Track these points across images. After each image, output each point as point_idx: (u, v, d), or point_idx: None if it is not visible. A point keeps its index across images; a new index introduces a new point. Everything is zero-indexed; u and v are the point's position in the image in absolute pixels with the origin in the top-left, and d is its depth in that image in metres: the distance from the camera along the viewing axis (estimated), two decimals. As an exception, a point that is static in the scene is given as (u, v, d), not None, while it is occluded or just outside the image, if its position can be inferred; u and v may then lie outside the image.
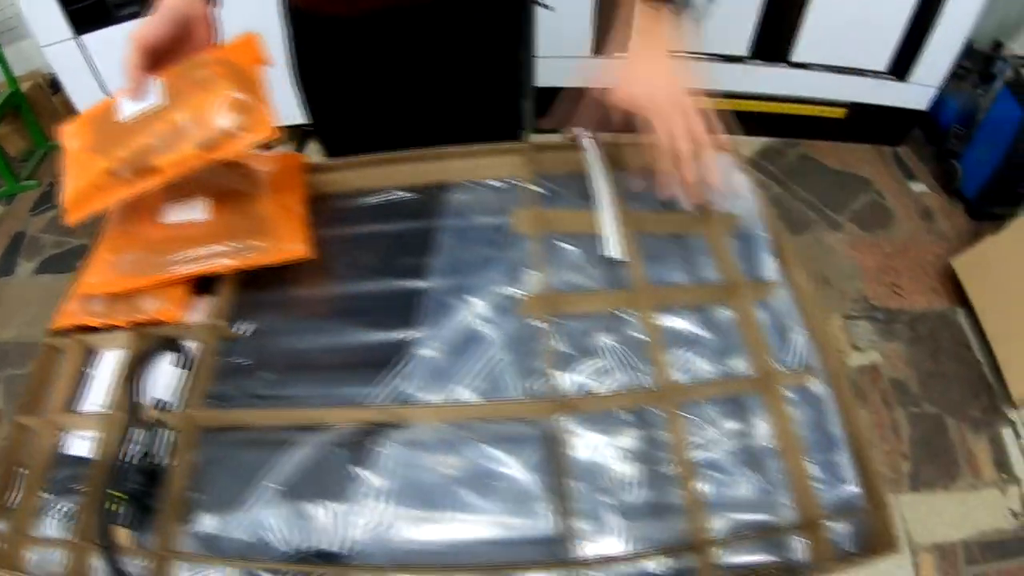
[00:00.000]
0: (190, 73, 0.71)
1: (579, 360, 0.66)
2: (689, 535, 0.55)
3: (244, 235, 0.76)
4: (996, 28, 2.48)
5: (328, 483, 0.59)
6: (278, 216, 0.78)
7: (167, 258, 0.74)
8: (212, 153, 0.69)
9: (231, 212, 0.78)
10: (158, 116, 0.70)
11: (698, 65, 0.75)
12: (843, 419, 0.64)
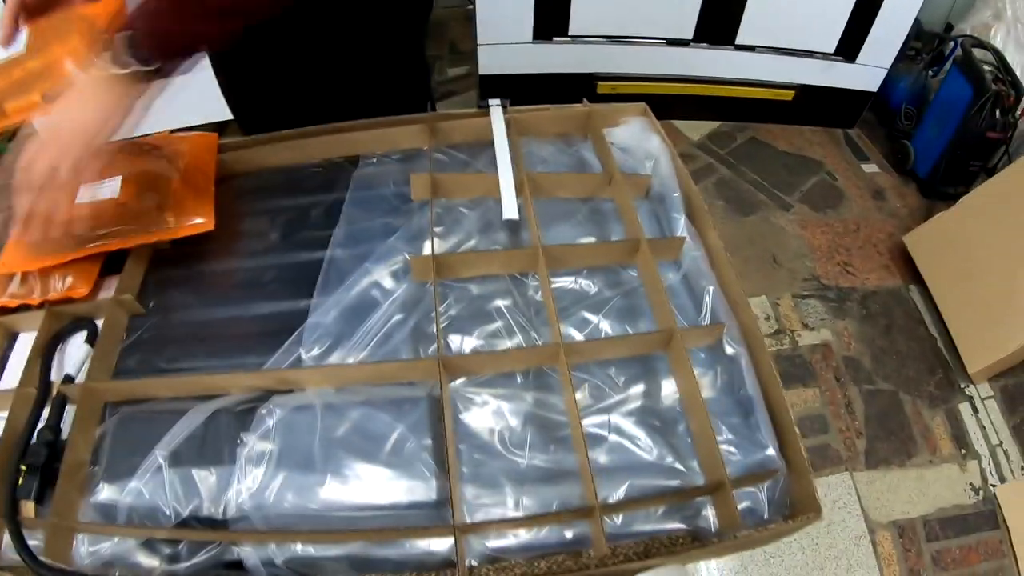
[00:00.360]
0: (53, 27, 0.74)
1: (474, 323, 0.64)
2: (584, 501, 0.53)
3: (153, 211, 0.76)
4: (947, 9, 2.52)
5: (215, 450, 0.58)
6: (187, 192, 0.78)
7: (79, 236, 0.73)
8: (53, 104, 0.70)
9: (142, 191, 0.78)
10: (15, 63, 0.73)
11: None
12: (758, 380, 0.62)
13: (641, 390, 0.61)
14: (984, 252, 1.73)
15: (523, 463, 0.55)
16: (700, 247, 0.73)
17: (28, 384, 0.66)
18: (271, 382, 0.61)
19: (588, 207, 0.76)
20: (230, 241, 0.78)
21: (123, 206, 0.76)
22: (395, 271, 0.68)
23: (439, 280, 0.64)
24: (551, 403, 0.59)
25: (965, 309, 1.78)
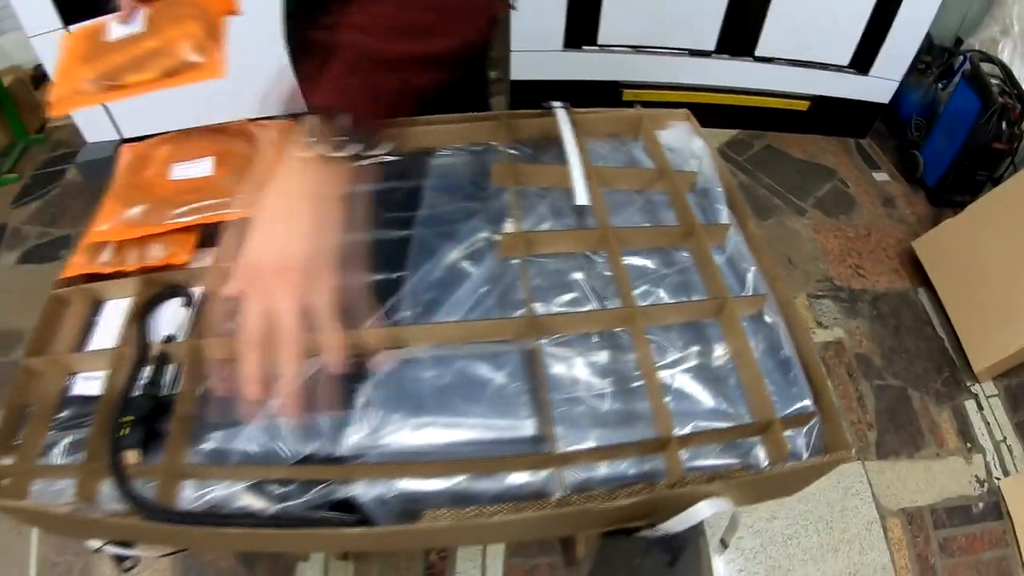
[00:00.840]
0: (169, 9, 0.85)
1: (553, 293, 0.74)
2: (656, 439, 0.64)
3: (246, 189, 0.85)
4: (957, 24, 2.64)
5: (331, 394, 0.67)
6: None
7: (176, 209, 0.83)
8: (171, 80, 0.83)
9: (234, 170, 0.87)
10: (136, 41, 0.84)
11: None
12: (794, 343, 0.73)
13: (696, 350, 0.72)
14: (989, 257, 1.84)
15: (603, 408, 0.66)
16: (740, 234, 0.84)
17: (126, 344, 0.75)
18: (376, 339, 0.71)
19: (643, 198, 0.87)
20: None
21: (216, 183, 0.86)
22: (479, 248, 0.79)
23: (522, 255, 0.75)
24: (623, 359, 0.70)
25: (971, 311, 1.88)
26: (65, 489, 0.67)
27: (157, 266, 0.82)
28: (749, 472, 0.63)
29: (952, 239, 1.99)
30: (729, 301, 0.72)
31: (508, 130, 0.91)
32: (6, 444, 0.71)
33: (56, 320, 0.82)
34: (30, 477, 0.68)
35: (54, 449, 0.70)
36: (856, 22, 2.33)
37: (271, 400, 0.58)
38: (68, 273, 0.84)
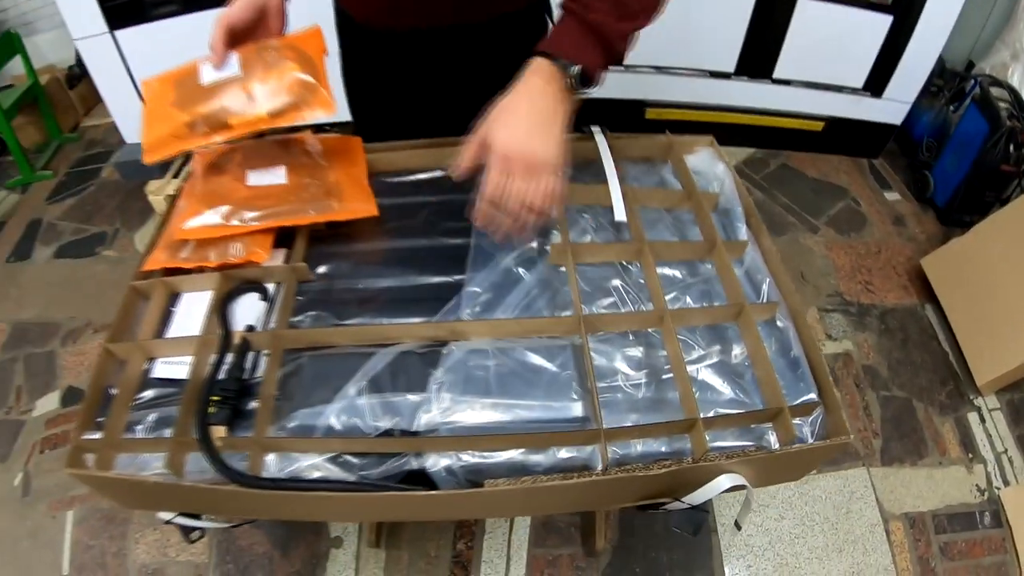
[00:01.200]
0: (263, 53, 0.92)
1: (595, 296, 0.87)
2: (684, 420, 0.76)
3: (320, 196, 0.97)
4: (969, 48, 2.77)
5: (407, 379, 0.80)
6: (346, 183, 1.00)
7: (256, 212, 0.94)
8: (278, 120, 0.91)
9: (307, 178, 0.99)
10: (234, 84, 0.91)
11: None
12: (802, 344, 0.86)
13: (718, 349, 0.85)
14: (994, 275, 1.95)
15: (639, 395, 0.79)
16: (757, 249, 0.97)
17: (211, 332, 0.87)
18: (443, 332, 0.84)
19: (672, 215, 1.01)
20: (379, 225, 1.01)
21: (290, 190, 0.97)
22: (530, 257, 0.92)
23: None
24: (655, 355, 0.83)
25: (975, 326, 1.99)
26: (149, 462, 0.79)
27: (236, 263, 0.94)
28: (762, 452, 0.75)
29: (959, 257, 2.10)
30: (746, 307, 0.84)
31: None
32: (90, 421, 0.83)
33: (133, 309, 0.95)
34: (116, 451, 0.80)
35: (138, 427, 0.82)
36: (870, 47, 2.47)
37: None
38: (148, 267, 0.96)
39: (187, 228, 0.94)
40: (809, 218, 2.51)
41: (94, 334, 2.34)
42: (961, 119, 2.45)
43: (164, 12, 2.33)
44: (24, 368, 2.26)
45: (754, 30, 2.45)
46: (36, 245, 2.86)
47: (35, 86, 3.40)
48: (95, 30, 2.40)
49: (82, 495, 1.81)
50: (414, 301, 0.90)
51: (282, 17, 0.99)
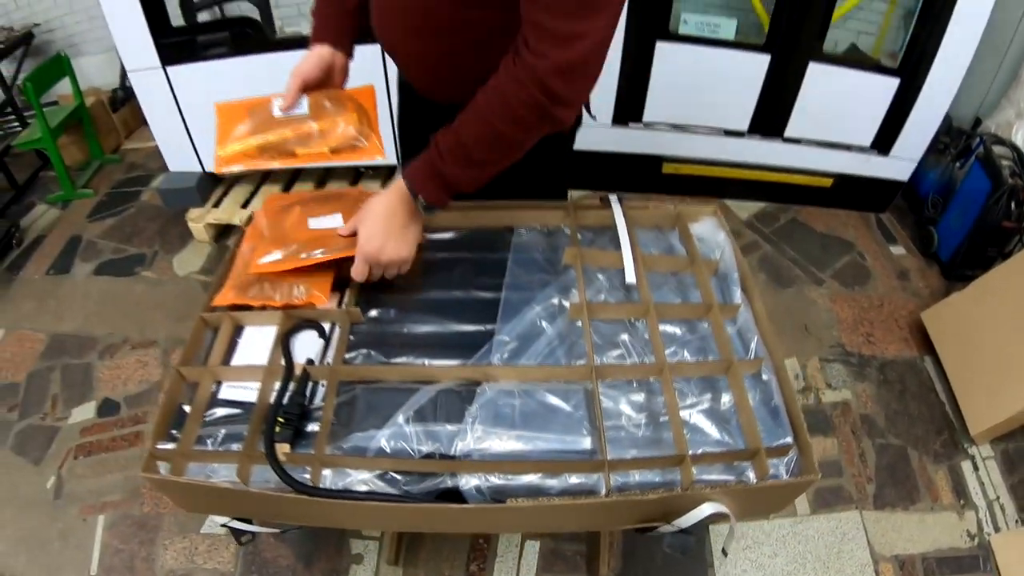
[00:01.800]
0: (327, 100, 1.17)
1: (606, 349, 1.06)
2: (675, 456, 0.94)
3: None
4: (977, 106, 2.94)
5: (446, 412, 0.99)
6: None
7: (316, 250, 1.12)
8: (336, 157, 1.15)
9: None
10: (302, 121, 1.15)
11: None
12: (783, 395, 1.03)
13: (709, 397, 1.02)
14: (990, 328, 2.09)
15: (639, 434, 0.96)
16: (749, 311, 1.15)
17: (275, 363, 1.05)
18: (477, 374, 1.02)
19: (676, 279, 1.19)
20: (423, 277, 1.21)
21: (345, 236, 1.16)
22: (552, 311, 1.11)
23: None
24: (654, 400, 1.00)
25: (971, 378, 2.12)
26: (216, 471, 0.97)
27: (298, 304, 1.13)
28: (740, 485, 0.92)
29: (957, 311, 2.25)
30: (734, 363, 1.02)
31: (575, 217, 1.24)
32: (163, 434, 1.01)
33: (201, 337, 1.14)
34: (188, 460, 0.97)
35: (208, 440, 1.00)
36: (878, 107, 2.67)
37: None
38: (218, 302, 1.15)
39: (262, 264, 1.13)
40: (815, 271, 2.69)
41: (131, 350, 2.51)
42: (965, 176, 2.61)
43: (214, 53, 2.55)
44: (61, 377, 2.44)
45: (767, 92, 2.65)
46: (76, 261, 3.05)
47: (81, 107, 3.65)
48: (149, 64, 2.61)
49: (114, 501, 1.98)
50: (452, 346, 1.09)
51: (345, 74, 1.24)
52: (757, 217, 2.97)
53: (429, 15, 1.06)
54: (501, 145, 1.01)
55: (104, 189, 3.56)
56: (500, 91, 0.96)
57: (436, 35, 1.09)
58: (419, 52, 1.16)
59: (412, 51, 1.17)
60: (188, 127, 2.77)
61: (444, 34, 1.08)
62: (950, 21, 2.42)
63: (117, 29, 2.52)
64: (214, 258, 2.94)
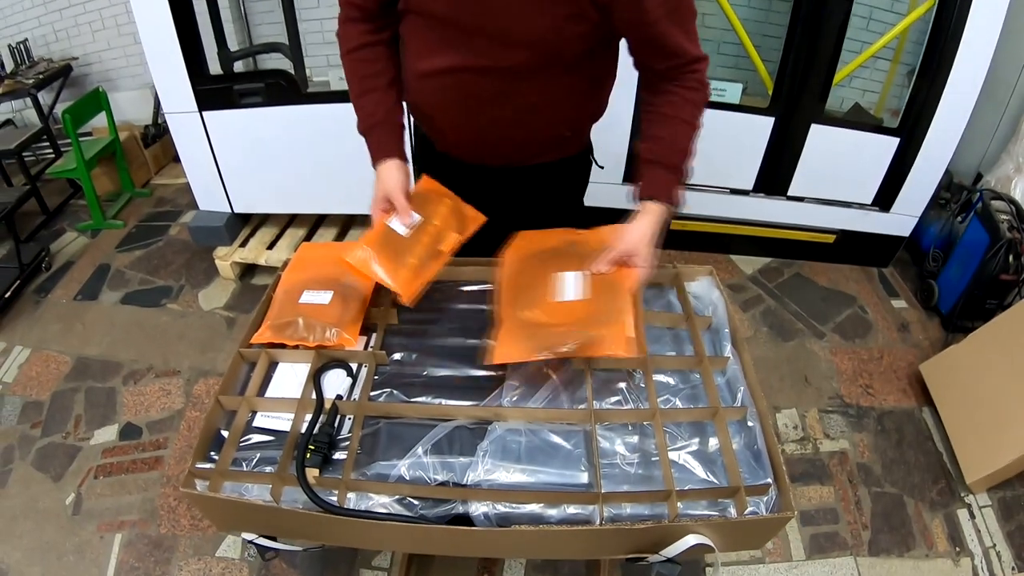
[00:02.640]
0: (424, 201, 1.35)
1: (605, 395, 1.20)
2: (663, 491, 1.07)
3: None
4: (978, 160, 3.08)
5: (460, 446, 1.14)
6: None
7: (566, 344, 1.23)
8: (462, 235, 1.33)
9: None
10: (423, 227, 1.32)
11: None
12: (765, 440, 1.16)
13: (697, 441, 1.16)
14: (986, 378, 2.18)
15: (632, 471, 1.10)
16: (738, 363, 1.29)
17: (306, 397, 1.22)
18: (488, 414, 1.17)
19: (672, 333, 1.34)
20: (441, 324, 1.37)
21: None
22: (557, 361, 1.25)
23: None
24: (647, 442, 1.14)
25: (968, 427, 2.20)
26: (250, 491, 1.12)
27: (329, 345, 1.29)
28: (720, 518, 1.06)
29: (955, 362, 2.36)
30: (720, 410, 1.16)
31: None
32: (202, 455, 1.17)
33: (238, 371, 1.31)
34: (225, 479, 1.13)
35: (243, 463, 1.15)
36: (879, 166, 2.82)
37: None
38: (256, 340, 1.32)
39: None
40: (816, 324, 2.82)
41: (155, 378, 2.66)
42: (965, 231, 2.74)
43: (249, 102, 2.73)
44: (85, 399, 2.59)
45: (771, 152, 2.82)
46: (104, 288, 3.23)
47: (115, 141, 3.86)
48: (186, 108, 2.80)
49: (131, 520, 2.11)
50: (466, 388, 1.24)
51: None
52: (761, 272, 3.11)
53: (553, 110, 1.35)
54: (697, 134, 1.32)
55: (133, 221, 3.77)
56: (691, 104, 1.29)
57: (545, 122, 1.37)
58: (514, 140, 1.41)
59: (506, 139, 1.41)
60: (220, 169, 2.96)
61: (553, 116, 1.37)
62: (948, 79, 2.56)
63: (158, 73, 2.71)
64: (238, 295, 3.11)
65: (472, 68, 1.26)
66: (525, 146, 1.43)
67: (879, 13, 3.10)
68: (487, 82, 1.27)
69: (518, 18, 1.17)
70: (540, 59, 1.23)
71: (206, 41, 2.70)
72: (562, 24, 1.17)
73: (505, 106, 1.31)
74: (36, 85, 3.94)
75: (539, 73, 1.25)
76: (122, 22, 4.22)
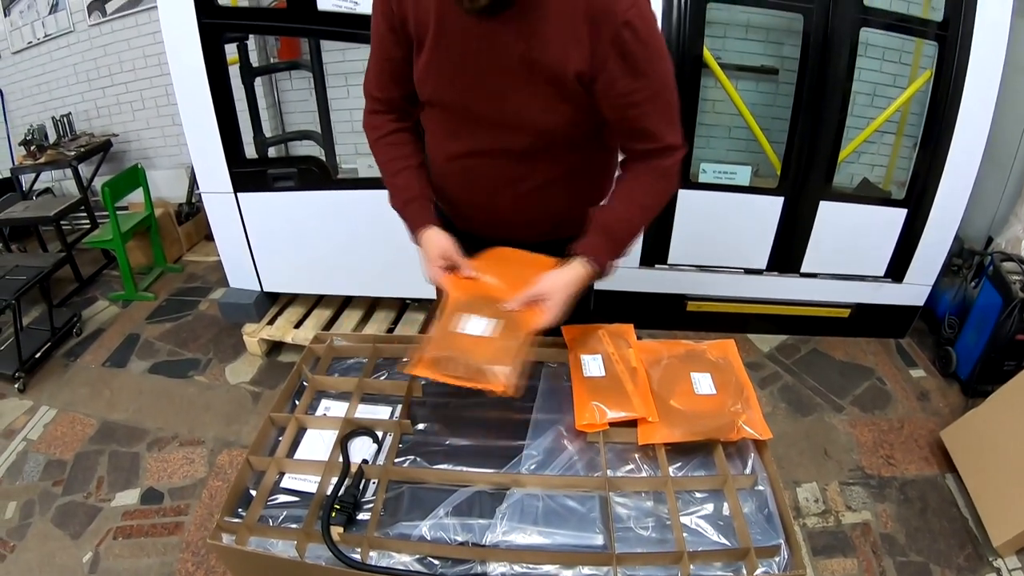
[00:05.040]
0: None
1: (619, 464, 1.28)
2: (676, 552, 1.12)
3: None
4: (988, 225, 3.15)
5: (479, 509, 1.20)
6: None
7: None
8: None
9: None
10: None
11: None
12: (776, 503, 1.21)
13: (711, 506, 1.21)
14: (1008, 439, 2.19)
15: (645, 534, 1.16)
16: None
17: (333, 460, 1.29)
18: (507, 480, 1.24)
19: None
20: (463, 397, 1.43)
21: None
22: (574, 432, 1.33)
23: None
24: (660, 508, 1.20)
25: (992, 489, 2.19)
26: (275, 546, 1.18)
27: (479, 385, 1.30)
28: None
29: (976, 426, 2.37)
30: (730, 478, 1.22)
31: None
32: (231, 510, 1.24)
33: (268, 434, 1.40)
34: (252, 534, 1.20)
35: (269, 520, 1.22)
36: (888, 238, 2.89)
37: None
38: (412, 370, 1.34)
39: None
40: (834, 398, 2.85)
41: (179, 446, 2.74)
42: (978, 295, 2.78)
43: (282, 186, 2.88)
44: (108, 461, 2.67)
45: (782, 231, 2.91)
46: (132, 357, 3.36)
47: (150, 216, 4.06)
48: (222, 189, 2.95)
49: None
50: (487, 456, 1.31)
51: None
52: (778, 349, 3.16)
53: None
54: (652, 218, 1.44)
55: (164, 295, 3.93)
56: (655, 192, 1.42)
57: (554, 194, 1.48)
58: (527, 218, 1.53)
59: (520, 218, 1.52)
60: (252, 248, 3.10)
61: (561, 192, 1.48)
62: (949, 148, 2.66)
63: (197, 155, 2.89)
64: (264, 370, 3.21)
65: (484, 151, 1.41)
66: (537, 223, 1.54)
67: (883, 89, 3.25)
68: (498, 164, 1.42)
69: (518, 105, 1.32)
70: (541, 143, 1.36)
71: (243, 126, 2.86)
72: (556, 106, 1.30)
73: (515, 186, 1.44)
74: (77, 157, 4.20)
75: (542, 156, 1.39)
76: (161, 104, 4.50)
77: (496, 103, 1.33)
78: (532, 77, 1.28)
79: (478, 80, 1.31)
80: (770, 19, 3.15)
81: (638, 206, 1.40)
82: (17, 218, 3.94)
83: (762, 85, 3.41)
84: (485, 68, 1.30)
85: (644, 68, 1.25)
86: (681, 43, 2.57)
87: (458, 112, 1.39)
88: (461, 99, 1.36)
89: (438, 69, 1.34)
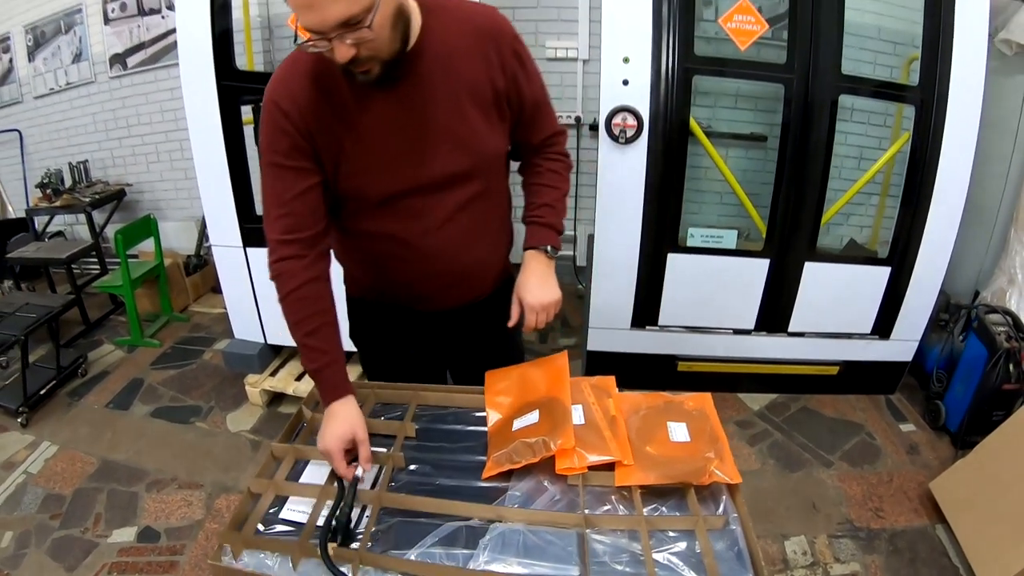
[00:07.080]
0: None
1: (596, 505, 1.36)
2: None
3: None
4: (974, 279, 3.23)
5: (465, 540, 1.28)
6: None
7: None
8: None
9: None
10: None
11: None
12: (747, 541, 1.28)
13: (685, 544, 1.29)
14: (998, 487, 2.24)
15: (619, 568, 1.23)
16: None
17: (330, 485, 1.39)
18: (491, 514, 1.32)
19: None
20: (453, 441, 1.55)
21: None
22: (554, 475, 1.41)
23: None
24: (634, 545, 1.28)
25: (982, 536, 2.24)
26: (271, 568, 1.26)
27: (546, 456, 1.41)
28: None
29: (964, 475, 2.42)
30: (701, 519, 1.30)
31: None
32: (234, 528, 1.34)
33: (271, 464, 1.50)
34: (246, 547, 1.29)
35: (266, 537, 1.32)
36: (874, 296, 2.98)
37: None
38: (487, 475, 1.44)
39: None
40: (824, 454, 2.91)
41: (178, 489, 2.81)
42: (964, 348, 2.86)
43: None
44: (107, 499, 2.74)
45: (769, 292, 3.01)
46: (135, 401, 3.46)
47: (160, 265, 4.20)
48: (232, 243, 3.10)
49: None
50: (473, 496, 1.39)
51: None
52: (768, 408, 3.23)
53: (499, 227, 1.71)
54: (565, 195, 1.71)
55: (169, 342, 4.05)
56: (558, 174, 1.69)
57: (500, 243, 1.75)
58: (483, 271, 1.71)
59: (476, 277, 1.71)
60: (258, 301, 3.23)
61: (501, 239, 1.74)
62: (930, 206, 2.77)
63: (209, 209, 3.03)
64: (265, 420, 3.30)
65: (422, 187, 1.47)
66: (461, 281, 1.67)
67: (869, 152, 3.38)
68: (431, 198, 1.49)
69: (463, 136, 1.46)
70: (479, 167, 1.52)
71: (255, 185, 3.00)
72: (492, 127, 1.50)
73: (450, 216, 1.52)
74: (92, 203, 4.38)
75: (475, 180, 1.52)
76: (175, 157, 4.69)
77: (431, 149, 1.43)
78: (461, 107, 1.43)
79: (408, 144, 1.42)
80: (757, 88, 3.30)
81: (557, 193, 1.67)
82: (30, 258, 4.09)
83: (752, 152, 3.56)
84: (410, 129, 1.41)
85: (532, 73, 1.53)
86: (669, 112, 2.71)
87: (388, 186, 1.45)
88: (392, 176, 1.44)
89: (365, 162, 1.42)
